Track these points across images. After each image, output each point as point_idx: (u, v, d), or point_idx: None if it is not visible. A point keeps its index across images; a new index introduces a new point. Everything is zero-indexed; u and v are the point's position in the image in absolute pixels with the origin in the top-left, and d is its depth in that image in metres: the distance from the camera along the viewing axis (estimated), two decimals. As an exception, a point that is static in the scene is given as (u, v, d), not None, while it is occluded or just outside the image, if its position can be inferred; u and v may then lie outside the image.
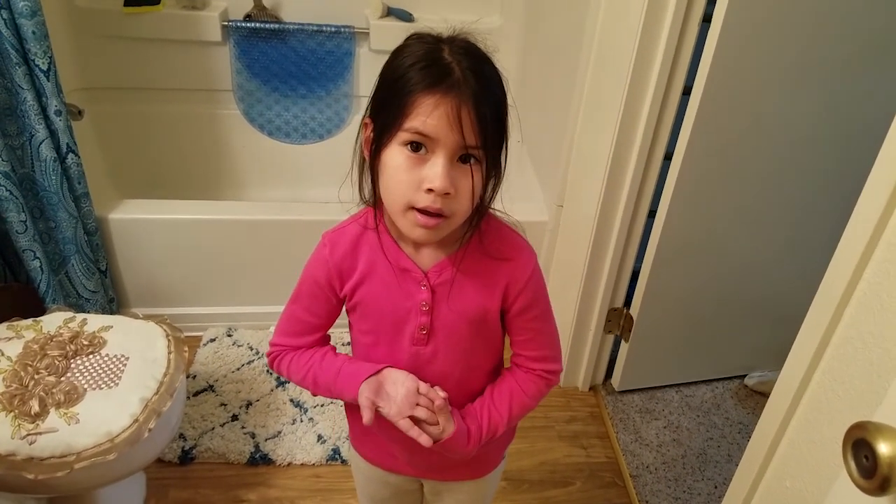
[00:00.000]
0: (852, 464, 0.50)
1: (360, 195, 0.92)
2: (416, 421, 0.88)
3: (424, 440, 0.87)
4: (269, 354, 1.02)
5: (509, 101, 0.85)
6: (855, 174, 0.75)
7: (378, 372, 0.92)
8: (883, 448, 0.46)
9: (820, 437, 0.85)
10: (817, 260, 0.82)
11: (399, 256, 0.91)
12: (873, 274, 0.76)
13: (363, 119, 0.87)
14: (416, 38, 0.83)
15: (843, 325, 0.81)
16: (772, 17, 1.45)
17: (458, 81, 0.77)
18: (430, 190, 0.79)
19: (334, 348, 1.01)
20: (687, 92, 1.57)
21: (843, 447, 0.51)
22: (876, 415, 0.54)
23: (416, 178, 0.79)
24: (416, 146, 0.79)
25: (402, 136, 0.79)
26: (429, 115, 0.77)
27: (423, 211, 0.80)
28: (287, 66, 2.48)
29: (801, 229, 1.82)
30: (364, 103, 2.57)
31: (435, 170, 0.78)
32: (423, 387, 0.90)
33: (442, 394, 0.90)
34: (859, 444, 0.49)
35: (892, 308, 0.72)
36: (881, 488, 0.47)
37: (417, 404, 0.89)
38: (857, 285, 0.78)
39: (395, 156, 0.80)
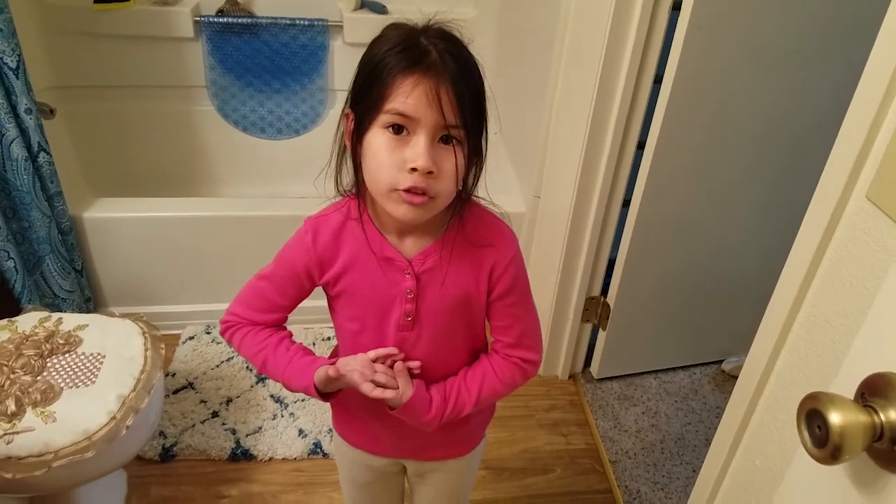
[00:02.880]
0: (806, 434, 0.51)
1: (337, 187, 0.93)
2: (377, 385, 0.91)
3: (390, 394, 0.90)
4: (224, 322, 1.01)
5: (487, 90, 0.87)
6: (823, 156, 0.77)
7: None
8: (834, 417, 0.48)
9: (786, 416, 0.87)
10: (789, 244, 0.84)
11: (383, 246, 0.92)
12: (835, 252, 0.77)
13: (343, 110, 0.88)
14: (393, 27, 0.84)
15: (808, 304, 0.82)
16: (740, 4, 1.46)
17: (435, 62, 0.79)
18: (413, 170, 0.79)
19: (291, 335, 1.01)
20: (658, 80, 1.59)
21: (797, 418, 0.52)
22: (832, 387, 0.56)
23: (398, 159, 0.80)
24: (397, 128, 0.80)
25: (383, 118, 0.80)
26: (408, 95, 0.78)
27: (407, 191, 0.81)
28: (261, 61, 2.47)
29: (773, 213, 1.85)
30: (340, 97, 2.59)
31: (417, 149, 0.79)
32: (373, 353, 0.93)
33: (398, 355, 0.93)
34: (812, 415, 0.50)
35: (854, 286, 0.74)
36: (833, 457, 0.48)
37: (376, 371, 0.91)
38: (819, 265, 0.80)
39: (377, 139, 0.82)
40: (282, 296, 0.98)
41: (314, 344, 2.12)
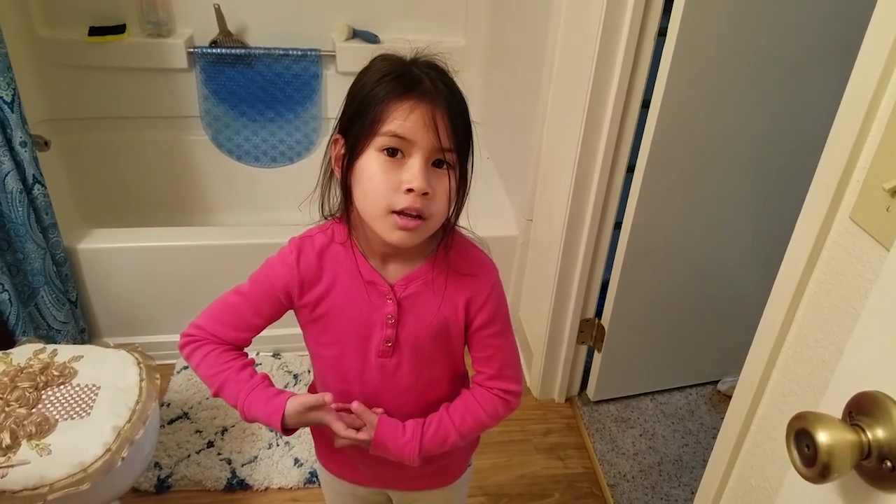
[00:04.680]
0: (795, 453, 0.52)
1: (321, 211, 0.94)
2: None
3: (363, 435, 0.92)
4: (186, 335, 0.98)
5: (474, 118, 0.89)
6: (811, 177, 0.78)
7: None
8: (822, 437, 0.48)
9: (780, 435, 0.87)
10: (781, 263, 0.85)
11: (367, 270, 0.92)
12: (822, 273, 0.78)
13: (332, 137, 0.90)
14: (380, 59, 0.86)
15: (797, 324, 0.83)
16: (725, 29, 1.49)
17: (429, 90, 0.82)
18: (409, 190, 0.81)
19: (253, 361, 0.99)
20: (646, 105, 1.61)
21: (786, 438, 0.53)
22: (820, 406, 0.57)
23: (394, 180, 0.82)
24: (392, 151, 0.82)
25: (379, 141, 0.82)
26: (405, 118, 0.80)
27: (402, 212, 0.82)
28: (254, 91, 2.49)
29: (763, 233, 1.86)
30: (333, 125, 2.61)
31: (412, 171, 0.81)
32: (334, 406, 0.94)
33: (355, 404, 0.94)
34: (801, 434, 0.51)
35: (841, 305, 0.75)
36: (822, 475, 0.48)
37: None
38: (807, 285, 0.81)
39: (372, 162, 0.83)
40: (255, 313, 0.96)
41: (309, 371, 2.11)
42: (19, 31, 2.19)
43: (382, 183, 0.82)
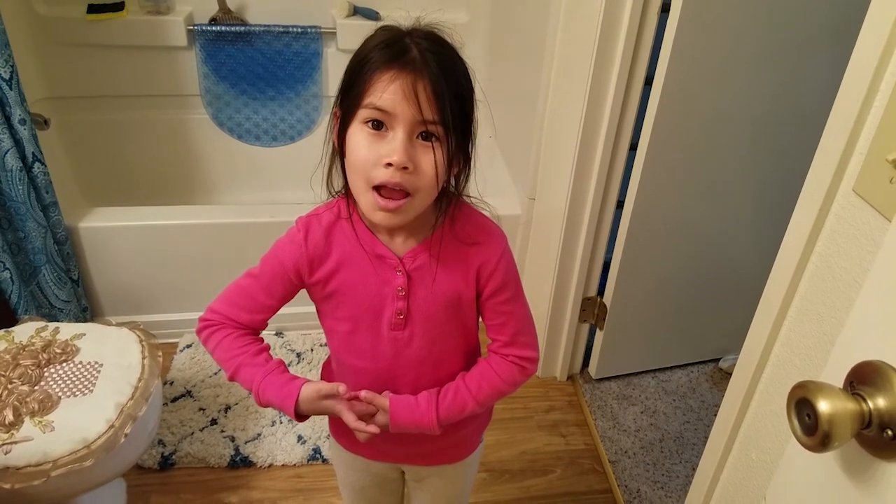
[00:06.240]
0: (795, 422, 0.52)
1: (328, 188, 0.94)
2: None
3: (373, 428, 0.91)
4: (203, 320, 0.98)
5: (479, 95, 0.87)
6: (812, 154, 0.77)
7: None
8: (823, 405, 0.48)
9: (780, 409, 0.87)
10: (783, 240, 0.85)
11: (374, 243, 0.92)
12: (825, 246, 0.78)
13: (332, 110, 0.89)
14: (382, 28, 0.85)
15: (798, 298, 0.83)
16: (728, 5, 1.47)
17: (414, 59, 0.80)
18: (389, 165, 0.80)
19: (268, 347, 1.00)
20: (649, 82, 1.60)
21: (787, 407, 0.53)
22: (821, 375, 0.57)
23: (375, 154, 0.81)
24: (376, 124, 0.81)
25: (363, 113, 0.81)
26: (385, 90, 0.79)
27: (383, 187, 0.81)
28: (255, 69, 2.47)
29: (765, 211, 1.85)
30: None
31: (393, 144, 0.80)
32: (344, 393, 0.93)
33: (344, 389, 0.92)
34: (801, 403, 0.51)
35: (843, 278, 0.75)
36: (822, 444, 0.49)
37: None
38: (809, 258, 0.80)
39: (357, 134, 0.82)
40: (268, 295, 0.97)
41: (312, 350, 2.12)
42: (17, 8, 2.17)
43: (364, 156, 0.81)
